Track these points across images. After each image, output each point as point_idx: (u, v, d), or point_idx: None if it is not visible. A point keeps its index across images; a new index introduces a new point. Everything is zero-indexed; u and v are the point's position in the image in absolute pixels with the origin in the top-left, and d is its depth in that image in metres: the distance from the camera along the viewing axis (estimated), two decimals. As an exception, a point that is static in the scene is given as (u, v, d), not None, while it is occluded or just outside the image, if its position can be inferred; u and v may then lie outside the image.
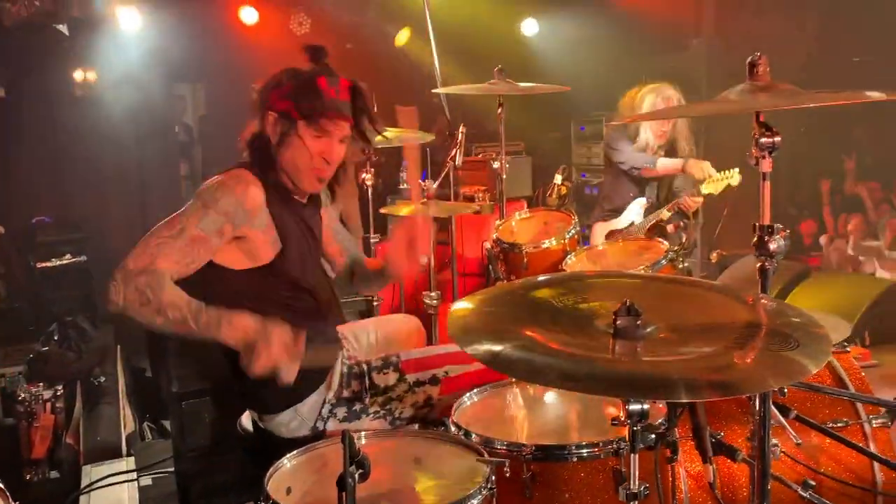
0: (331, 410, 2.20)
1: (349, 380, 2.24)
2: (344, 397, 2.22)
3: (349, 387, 2.23)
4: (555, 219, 3.55)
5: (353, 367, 2.27)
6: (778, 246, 1.63)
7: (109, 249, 5.65)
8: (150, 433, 4.16)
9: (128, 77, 6.23)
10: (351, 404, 2.22)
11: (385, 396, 2.25)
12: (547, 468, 1.82)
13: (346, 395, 2.22)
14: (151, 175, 6.63)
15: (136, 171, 6.53)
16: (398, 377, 2.27)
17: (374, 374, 2.27)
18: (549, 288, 1.69)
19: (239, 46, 6.57)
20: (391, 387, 2.26)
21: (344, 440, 1.42)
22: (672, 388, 1.24)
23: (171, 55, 6.26)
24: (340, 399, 2.21)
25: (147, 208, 6.43)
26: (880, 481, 2.21)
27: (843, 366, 2.36)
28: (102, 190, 6.27)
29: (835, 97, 1.67)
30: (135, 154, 6.48)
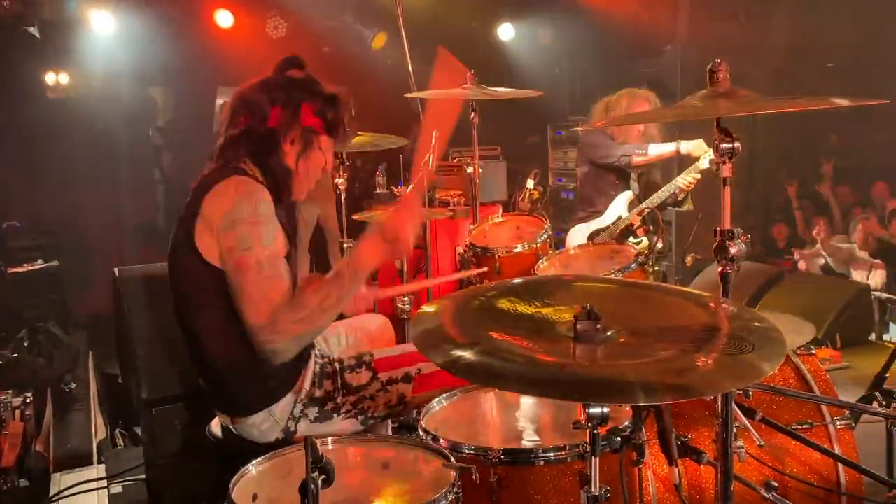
0: (302, 410, 2.19)
1: (321, 379, 2.23)
2: (316, 397, 2.21)
3: (321, 386, 2.23)
4: (527, 223, 3.57)
5: (326, 365, 2.27)
6: (739, 250, 1.65)
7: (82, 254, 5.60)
8: (121, 440, 4.12)
9: (101, 80, 6.18)
10: (323, 404, 2.22)
11: (358, 396, 2.25)
12: (514, 472, 1.82)
13: (319, 394, 2.22)
14: (125, 179, 6.57)
15: (110, 175, 6.47)
16: (371, 376, 2.28)
17: (347, 373, 2.27)
18: (515, 292, 1.70)
19: (214, 50, 6.53)
20: (364, 386, 2.26)
21: (306, 446, 1.42)
22: (629, 392, 1.25)
23: (146, 58, 6.21)
24: (313, 399, 2.21)
25: (121, 212, 6.38)
26: (844, 482, 2.24)
27: (808, 368, 2.39)
28: (75, 194, 6.20)
29: (794, 103, 1.70)
30: (108, 158, 6.42)
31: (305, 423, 2.20)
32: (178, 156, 7.14)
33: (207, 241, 2.03)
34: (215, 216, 2.02)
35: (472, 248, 3.35)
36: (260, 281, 1.97)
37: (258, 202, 2.04)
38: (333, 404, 2.23)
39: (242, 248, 1.98)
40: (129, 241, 6.58)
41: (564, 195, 7.17)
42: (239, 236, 1.99)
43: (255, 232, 2.00)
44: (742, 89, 1.66)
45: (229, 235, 1.99)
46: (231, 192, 2.04)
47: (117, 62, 6.11)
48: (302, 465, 1.68)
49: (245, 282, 1.97)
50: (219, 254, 2.03)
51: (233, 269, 1.99)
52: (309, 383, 2.21)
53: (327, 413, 2.22)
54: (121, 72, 6.18)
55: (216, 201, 2.04)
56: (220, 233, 2.01)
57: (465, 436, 1.97)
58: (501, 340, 1.42)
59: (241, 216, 2.00)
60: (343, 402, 2.24)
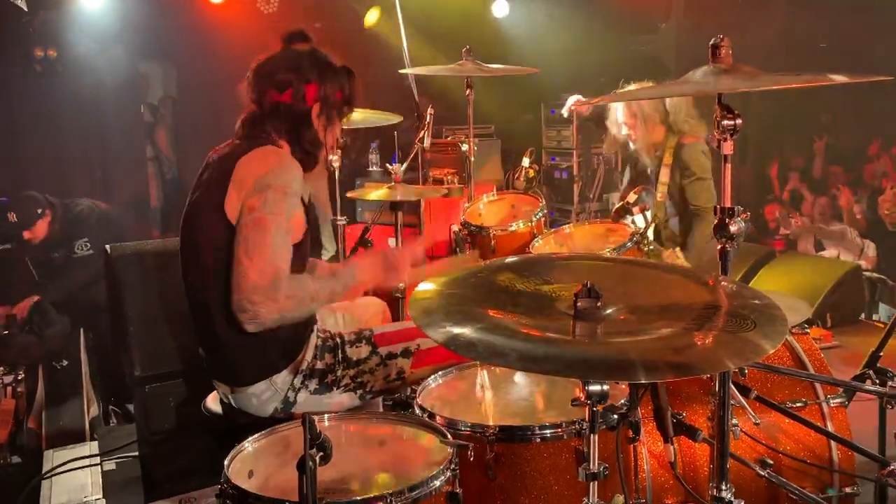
0: (303, 381, 2.22)
1: (323, 352, 2.26)
2: (317, 368, 2.24)
3: (322, 359, 2.25)
4: (522, 202, 3.56)
5: (328, 339, 2.29)
6: (738, 228, 1.64)
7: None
8: (114, 417, 4.11)
9: (91, 55, 6.07)
10: (323, 376, 2.24)
11: (357, 369, 2.28)
12: (510, 449, 1.83)
13: (320, 366, 2.24)
14: (116, 156, 6.49)
15: (100, 152, 6.39)
16: (371, 350, 2.31)
17: (348, 347, 2.29)
18: (513, 270, 1.69)
19: (205, 25, 6.44)
20: (364, 359, 2.29)
21: (304, 423, 1.41)
22: (630, 369, 1.25)
23: (136, 33, 6.12)
24: (314, 370, 2.23)
25: (110, 190, 6.31)
26: (837, 459, 2.26)
27: (802, 347, 2.40)
28: (64, 171, 6.12)
29: (796, 79, 1.68)
30: (98, 134, 6.34)
31: (305, 395, 2.22)
32: (171, 132, 7.07)
33: (233, 204, 2.07)
34: (248, 178, 2.07)
35: (467, 227, 3.34)
36: (273, 245, 2.00)
37: (292, 174, 2.10)
38: (334, 377, 2.25)
39: (267, 210, 2.02)
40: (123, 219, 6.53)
41: (558, 174, 7.15)
42: (267, 199, 2.03)
43: (283, 200, 2.04)
44: (744, 65, 1.64)
45: (257, 197, 2.03)
46: (270, 159, 2.11)
47: (107, 37, 6.01)
48: (298, 441, 1.68)
49: (260, 240, 1.99)
50: (238, 213, 2.05)
51: (251, 225, 2.01)
52: (311, 355, 2.24)
53: (327, 385, 2.24)
54: (111, 46, 6.09)
55: (252, 164, 2.09)
56: (249, 193, 2.04)
57: (461, 413, 1.97)
58: (501, 318, 1.41)
59: (274, 183, 2.05)
60: (343, 374, 2.26)
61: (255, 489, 1.63)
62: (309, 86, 2.20)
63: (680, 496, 2.15)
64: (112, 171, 6.44)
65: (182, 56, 6.64)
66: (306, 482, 1.39)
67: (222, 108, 5.80)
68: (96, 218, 4.78)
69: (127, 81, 6.50)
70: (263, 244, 1.99)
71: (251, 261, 1.98)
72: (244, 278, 1.97)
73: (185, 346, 3.00)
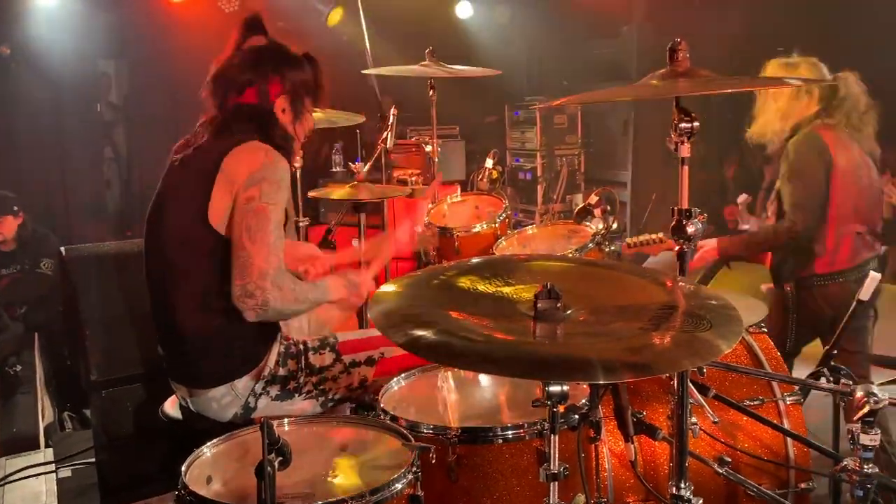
0: (265, 387, 2.19)
1: (286, 359, 2.23)
2: (279, 375, 2.21)
3: (285, 365, 2.23)
4: (486, 203, 3.57)
5: (290, 346, 2.27)
6: (696, 229, 1.66)
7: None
8: (70, 423, 4.02)
9: (46, 52, 5.94)
10: (285, 383, 2.22)
11: (320, 376, 2.26)
12: (472, 451, 1.83)
13: (282, 373, 2.22)
14: (73, 156, 6.36)
15: (56, 152, 6.25)
16: (335, 357, 2.29)
17: (311, 354, 2.27)
18: (475, 271, 1.69)
19: (166, 24, 6.34)
20: (327, 367, 2.27)
21: (262, 428, 1.39)
22: (590, 370, 1.25)
23: (94, 31, 6.00)
24: (276, 377, 2.21)
25: (68, 190, 6.18)
26: (793, 456, 2.30)
27: (759, 346, 2.44)
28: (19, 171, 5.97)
29: (752, 82, 1.71)
30: (54, 134, 6.20)
31: (266, 401, 2.19)
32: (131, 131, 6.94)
33: (219, 202, 2.05)
34: (240, 174, 2.05)
35: (431, 228, 3.34)
36: (274, 234, 2.01)
37: (284, 171, 2.10)
38: (296, 384, 2.23)
39: (265, 199, 2.02)
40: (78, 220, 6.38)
41: (522, 175, 7.18)
42: (264, 190, 2.03)
43: (279, 192, 2.05)
44: (701, 69, 1.67)
45: (253, 189, 2.03)
46: (261, 154, 2.09)
47: (64, 34, 5.89)
48: (257, 446, 1.65)
49: (264, 226, 2.00)
50: (226, 214, 2.04)
51: (252, 213, 2.00)
52: (273, 361, 2.21)
53: (289, 392, 2.22)
54: (67, 44, 5.96)
55: (244, 160, 2.07)
56: (242, 188, 2.03)
57: (423, 415, 1.96)
58: (462, 320, 1.41)
59: (269, 176, 2.05)
60: (305, 381, 2.24)
61: (213, 495, 1.61)
62: (269, 82, 2.18)
63: (641, 495, 2.17)
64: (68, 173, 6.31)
65: (142, 55, 6.51)
66: (265, 487, 1.37)
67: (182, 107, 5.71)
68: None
69: (85, 79, 6.38)
70: (266, 231, 2.00)
71: (256, 247, 1.98)
72: (249, 264, 1.97)
73: (143, 350, 2.95)
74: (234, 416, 2.18)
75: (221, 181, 2.05)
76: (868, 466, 1.71)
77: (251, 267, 1.96)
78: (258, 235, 1.99)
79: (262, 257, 1.97)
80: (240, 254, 1.99)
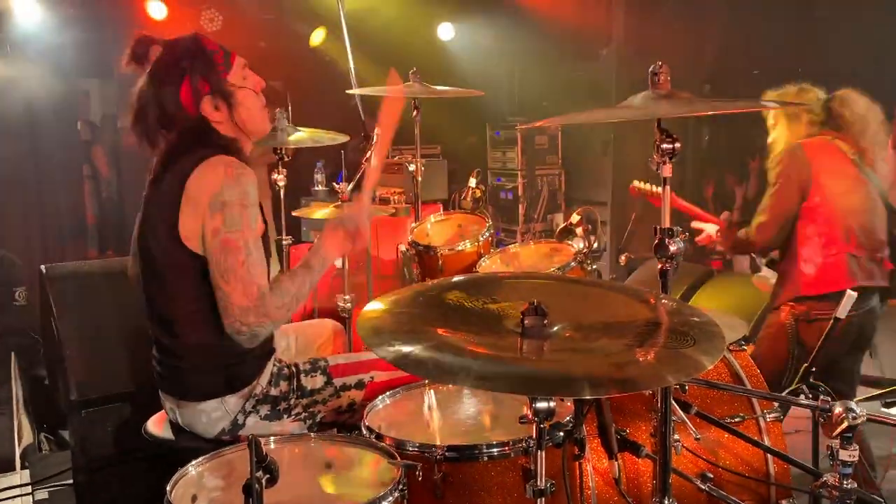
0: (255, 406, 2.19)
1: (278, 380, 2.24)
2: (271, 395, 2.21)
3: (277, 386, 2.23)
4: (469, 222, 3.58)
5: (283, 368, 2.27)
6: (678, 248, 1.70)
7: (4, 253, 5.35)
8: (46, 445, 3.96)
9: (25, 71, 5.91)
10: (276, 403, 2.22)
11: (310, 399, 2.26)
12: (458, 468, 1.83)
13: (274, 393, 2.22)
14: (51, 175, 6.31)
15: (34, 171, 6.20)
16: (325, 380, 2.29)
17: (303, 376, 2.27)
18: (461, 289, 1.71)
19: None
20: (318, 390, 2.27)
21: (250, 445, 1.39)
22: (576, 385, 1.27)
23: (74, 50, 5.98)
24: (267, 396, 2.21)
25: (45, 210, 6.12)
26: (773, 472, 2.32)
27: (740, 363, 2.47)
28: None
29: (731, 105, 1.75)
30: (32, 153, 6.15)
31: (254, 419, 2.19)
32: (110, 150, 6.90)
33: (190, 224, 2.01)
34: (202, 197, 2.00)
35: (415, 246, 3.35)
36: (249, 263, 1.97)
37: (247, 184, 2.03)
38: (286, 405, 2.23)
39: (230, 228, 1.98)
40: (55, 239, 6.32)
41: (503, 195, 7.24)
42: (227, 218, 1.98)
43: (244, 214, 2.00)
44: (682, 91, 1.71)
45: (216, 217, 1.98)
46: (220, 172, 2.02)
47: (43, 52, 5.87)
48: (243, 465, 1.65)
49: (233, 262, 1.96)
50: (200, 236, 2.00)
51: (219, 250, 1.97)
52: (266, 381, 2.21)
53: (278, 413, 2.22)
54: (46, 63, 5.93)
55: (205, 180, 2.01)
56: (207, 213, 1.99)
57: (408, 433, 1.96)
58: (450, 336, 1.42)
59: (230, 199, 1.99)
60: (296, 403, 2.25)
61: (199, 514, 1.60)
62: (179, 90, 2.10)
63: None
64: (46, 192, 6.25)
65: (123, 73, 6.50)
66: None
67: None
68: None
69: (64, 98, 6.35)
70: (237, 266, 1.96)
71: (230, 286, 1.96)
72: (229, 304, 1.95)
73: (124, 369, 2.93)
74: (220, 432, 2.17)
75: (186, 202, 2.01)
76: (847, 482, 1.73)
77: (231, 307, 1.95)
78: (230, 275, 1.96)
79: (238, 294, 1.95)
80: (219, 294, 1.98)
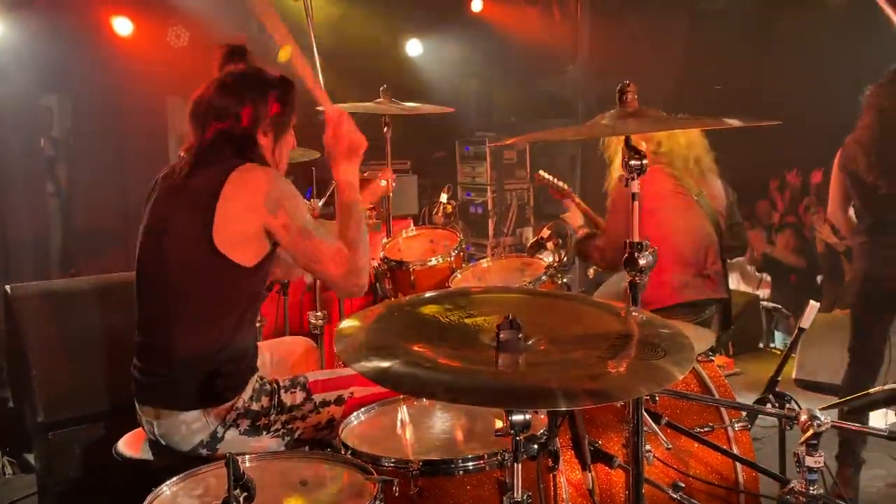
0: (236, 419, 2.18)
1: (259, 395, 2.24)
2: (252, 409, 2.21)
3: (259, 401, 2.23)
4: (441, 237, 3.61)
5: (265, 383, 2.28)
6: (647, 261, 1.74)
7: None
8: (9, 468, 3.87)
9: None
10: (256, 418, 2.22)
11: (290, 415, 2.27)
12: (434, 483, 1.84)
13: (255, 407, 2.22)
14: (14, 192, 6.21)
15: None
16: (305, 396, 2.29)
17: (283, 392, 2.28)
18: (435, 304, 1.72)
19: (112, 57, 6.28)
20: (297, 406, 2.28)
21: (228, 463, 1.39)
22: (551, 397, 1.29)
23: (37, 64, 5.91)
24: (248, 410, 2.21)
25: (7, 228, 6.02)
26: (742, 481, 2.37)
27: (708, 374, 2.52)
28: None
29: (696, 123, 1.81)
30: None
31: (234, 433, 2.19)
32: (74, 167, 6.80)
33: (231, 228, 2.09)
34: (255, 200, 2.11)
35: (387, 262, 3.36)
36: (322, 239, 2.17)
37: (286, 181, 2.21)
38: (266, 420, 2.23)
39: (297, 218, 2.14)
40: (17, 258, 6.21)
41: (473, 209, 7.29)
42: (290, 211, 2.13)
43: (298, 203, 2.18)
44: (649, 109, 1.75)
45: (280, 214, 2.12)
46: (262, 175, 2.15)
47: (7, 68, 5.79)
48: (219, 483, 1.65)
49: (315, 246, 2.16)
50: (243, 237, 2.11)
51: (299, 240, 2.14)
52: (248, 395, 2.21)
53: (258, 428, 2.22)
54: (10, 78, 5.85)
55: (249, 184, 2.12)
56: (269, 215, 2.11)
57: (383, 449, 1.97)
58: (427, 351, 1.44)
59: (284, 193, 2.15)
60: (275, 419, 2.25)
61: (174, 535, 1.59)
62: (245, 108, 2.21)
63: (598, 523, 2.21)
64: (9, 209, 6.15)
65: (87, 89, 6.42)
66: (230, 524, 1.36)
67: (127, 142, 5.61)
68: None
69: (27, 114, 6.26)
70: (319, 246, 2.16)
71: (322, 265, 2.18)
72: (330, 279, 2.21)
73: (92, 390, 2.89)
74: (198, 444, 2.16)
75: (229, 207, 2.09)
76: (814, 488, 1.78)
77: (334, 280, 2.20)
78: (318, 256, 2.17)
79: (333, 268, 2.18)
80: (319, 276, 2.43)
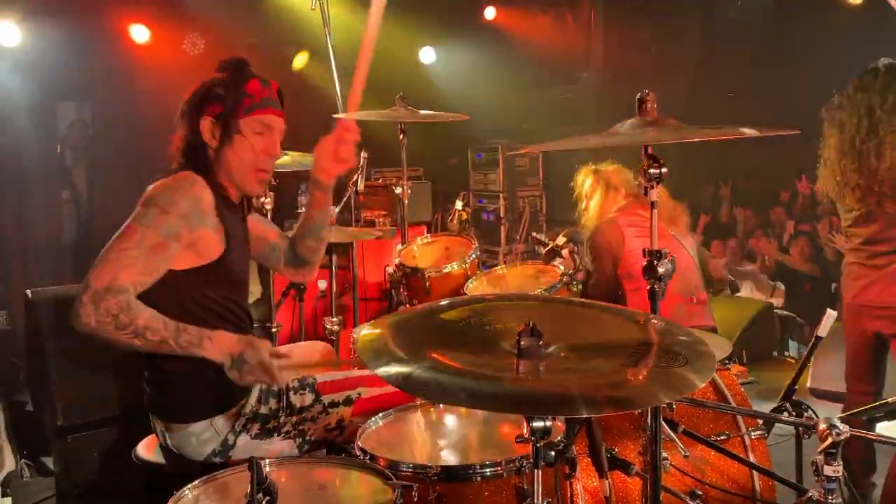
0: (245, 425, 2.19)
1: (267, 397, 2.24)
2: (261, 413, 2.21)
3: (266, 403, 2.23)
4: (456, 244, 3.62)
5: (272, 386, 2.24)
6: (665, 270, 1.75)
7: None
8: (27, 471, 3.90)
9: (5, 94, 5.90)
10: (266, 421, 2.22)
11: (300, 416, 2.27)
12: (452, 488, 1.85)
13: (264, 411, 2.22)
14: (31, 198, 6.27)
15: (14, 194, 6.16)
16: (314, 398, 2.29)
17: (292, 394, 2.28)
18: (454, 311, 1.74)
19: (129, 65, 6.35)
20: (307, 407, 2.28)
21: (251, 467, 1.41)
22: (573, 405, 1.30)
23: (55, 73, 5.97)
24: (257, 414, 2.21)
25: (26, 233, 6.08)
26: (758, 489, 2.37)
27: (724, 382, 2.52)
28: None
29: (716, 133, 1.81)
30: (12, 176, 6.12)
31: (245, 439, 2.19)
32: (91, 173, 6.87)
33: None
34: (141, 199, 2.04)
35: (402, 269, 3.38)
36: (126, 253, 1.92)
37: (187, 198, 2.04)
38: (276, 423, 2.23)
39: (138, 221, 1.98)
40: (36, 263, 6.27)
41: (485, 216, 7.30)
42: (144, 213, 1.99)
43: (161, 217, 1.98)
44: (669, 118, 1.76)
45: (137, 209, 2.00)
46: (167, 181, 2.08)
47: (24, 75, 5.86)
48: (240, 487, 1.66)
49: (115, 246, 1.94)
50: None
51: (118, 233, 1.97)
52: (255, 399, 2.21)
53: (268, 431, 2.22)
54: (28, 85, 5.92)
55: (156, 186, 2.07)
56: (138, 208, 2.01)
57: (401, 454, 1.98)
58: (449, 357, 1.45)
59: (159, 200, 2.01)
60: (285, 421, 2.24)
61: (196, 538, 1.60)
62: (195, 110, 2.14)
63: (615, 530, 2.21)
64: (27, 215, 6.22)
65: (105, 96, 6.50)
66: (253, 527, 1.38)
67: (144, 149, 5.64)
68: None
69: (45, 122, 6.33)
70: (115, 249, 1.93)
71: (97, 263, 1.92)
72: (86, 278, 1.90)
73: (112, 393, 2.92)
74: (211, 453, 2.16)
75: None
76: (832, 497, 1.77)
77: (85, 279, 1.90)
78: (106, 252, 1.93)
79: (96, 272, 1.89)
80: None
